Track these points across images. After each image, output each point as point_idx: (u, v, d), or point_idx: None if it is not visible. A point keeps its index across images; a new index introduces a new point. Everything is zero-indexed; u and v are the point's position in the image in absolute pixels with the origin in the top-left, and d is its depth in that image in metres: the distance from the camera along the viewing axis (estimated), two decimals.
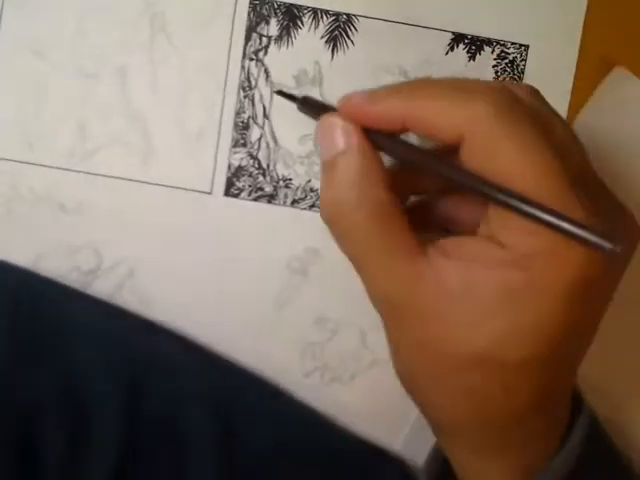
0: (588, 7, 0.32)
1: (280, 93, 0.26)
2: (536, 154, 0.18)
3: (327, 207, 0.21)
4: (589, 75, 0.32)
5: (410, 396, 0.23)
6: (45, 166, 0.31)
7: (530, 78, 0.32)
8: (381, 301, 0.21)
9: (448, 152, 0.20)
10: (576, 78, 0.32)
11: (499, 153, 0.19)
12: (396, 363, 0.22)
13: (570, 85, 0.32)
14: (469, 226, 0.22)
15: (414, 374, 0.22)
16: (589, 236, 0.17)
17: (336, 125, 0.20)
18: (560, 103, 0.32)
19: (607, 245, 0.17)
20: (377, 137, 0.20)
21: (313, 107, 0.23)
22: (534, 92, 0.21)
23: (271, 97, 0.31)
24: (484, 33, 0.32)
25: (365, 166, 0.20)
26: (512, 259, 0.19)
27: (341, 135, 0.20)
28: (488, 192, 0.19)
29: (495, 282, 0.19)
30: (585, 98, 0.32)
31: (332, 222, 0.21)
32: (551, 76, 0.32)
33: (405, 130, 0.20)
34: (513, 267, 0.19)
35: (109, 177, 0.31)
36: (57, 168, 0.31)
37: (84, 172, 0.31)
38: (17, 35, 0.31)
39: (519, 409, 0.21)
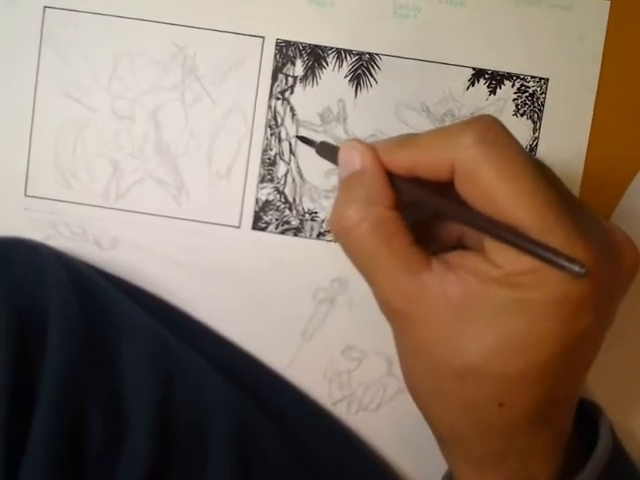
0: (607, 40, 0.32)
1: (300, 138, 0.28)
2: (515, 179, 0.20)
3: (335, 221, 0.22)
4: (609, 108, 0.33)
5: (417, 407, 0.23)
6: (81, 204, 0.32)
7: (550, 110, 0.32)
8: (387, 310, 0.22)
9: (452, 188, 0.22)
10: (596, 110, 0.32)
11: (481, 180, 0.20)
12: (403, 373, 0.23)
13: (590, 117, 0.32)
14: (478, 242, 0.23)
15: (416, 384, 0.23)
16: (556, 259, 0.18)
17: (354, 148, 0.22)
18: (580, 135, 0.32)
19: (574, 268, 0.18)
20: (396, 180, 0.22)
21: (330, 150, 0.25)
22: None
23: (297, 134, 0.32)
24: (504, 68, 0.32)
25: (372, 185, 0.22)
26: (503, 278, 0.20)
27: (358, 156, 0.22)
28: (475, 224, 0.21)
29: (489, 298, 0.20)
30: (605, 130, 0.32)
31: (339, 235, 0.22)
32: (571, 108, 0.32)
33: (413, 174, 0.22)
34: (504, 285, 0.20)
35: (142, 214, 0.32)
36: (93, 206, 0.32)
37: (118, 209, 0.32)
38: (54, 79, 0.32)
39: (515, 422, 0.21)
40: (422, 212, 0.24)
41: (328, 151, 0.25)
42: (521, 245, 0.19)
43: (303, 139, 0.29)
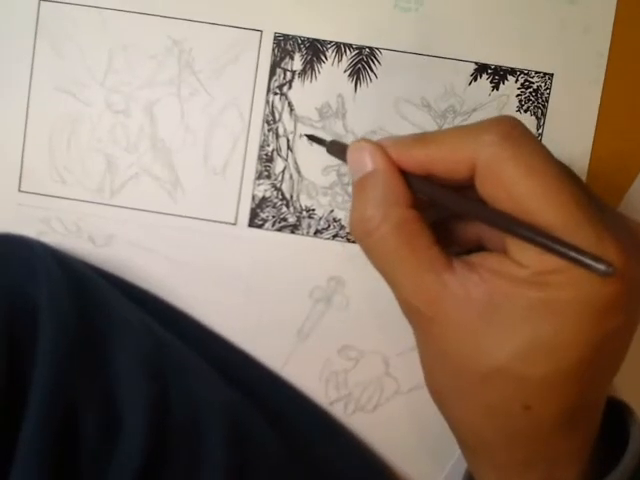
0: (614, 34, 0.31)
1: (310, 137, 0.27)
2: (541, 176, 0.19)
3: (355, 224, 0.22)
4: (615, 103, 0.32)
5: (439, 411, 0.23)
6: (76, 200, 0.32)
7: (555, 106, 0.32)
8: (410, 312, 0.22)
9: (468, 189, 0.21)
10: (602, 106, 0.32)
11: (506, 177, 0.20)
12: (425, 376, 0.23)
13: (596, 113, 0.32)
14: (498, 243, 0.23)
15: (440, 387, 0.22)
16: (582, 258, 0.18)
17: (365, 149, 0.22)
18: (585, 132, 0.32)
19: (601, 267, 0.18)
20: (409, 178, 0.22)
21: (341, 149, 0.24)
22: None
23: (295, 130, 0.32)
24: (507, 63, 0.32)
25: (389, 186, 0.21)
26: (530, 277, 0.19)
27: (369, 157, 0.22)
28: (496, 223, 0.20)
29: (515, 299, 0.20)
30: (611, 126, 0.32)
31: (360, 238, 0.22)
32: (576, 104, 0.32)
33: (428, 173, 0.21)
34: (531, 285, 0.19)
35: (137, 210, 0.32)
36: (87, 202, 0.32)
37: (113, 205, 0.32)
38: (49, 73, 0.32)
39: (541, 427, 0.21)
40: (436, 214, 0.24)
41: (339, 150, 0.25)
42: (547, 245, 0.19)
43: (312, 138, 0.28)
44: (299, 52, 0.31)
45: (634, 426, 0.23)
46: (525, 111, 0.32)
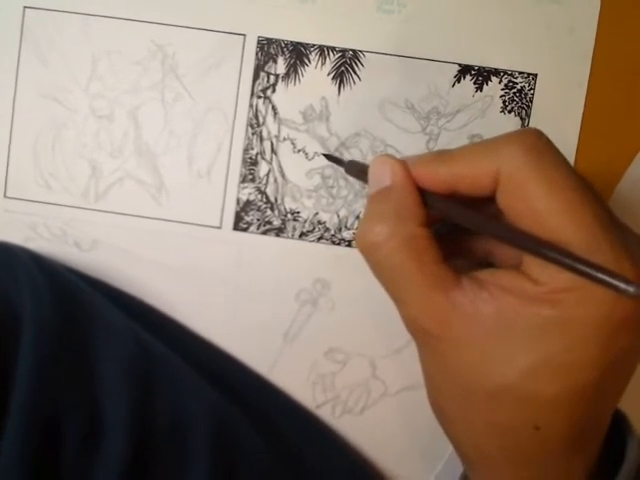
0: (598, 34, 0.31)
1: (328, 157, 0.27)
2: (563, 192, 0.19)
3: (362, 236, 0.22)
4: (600, 103, 0.32)
5: (441, 426, 0.23)
6: (61, 205, 0.32)
7: (539, 107, 0.32)
8: (416, 330, 0.21)
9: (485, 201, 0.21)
10: (586, 106, 0.32)
11: (529, 192, 0.19)
12: (429, 392, 0.23)
13: (580, 113, 0.32)
14: (508, 259, 0.23)
15: (445, 404, 0.22)
16: (610, 279, 0.18)
17: (386, 163, 0.22)
18: (570, 133, 0.32)
19: (630, 289, 0.18)
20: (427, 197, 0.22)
21: (359, 168, 0.24)
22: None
23: (279, 133, 0.32)
24: (491, 63, 0.31)
25: (403, 202, 0.21)
26: (544, 295, 0.19)
27: (388, 172, 0.22)
28: (515, 242, 0.20)
29: (527, 317, 0.19)
30: (596, 128, 0.32)
31: (365, 251, 0.22)
32: (560, 105, 0.32)
33: (450, 191, 0.21)
34: (545, 303, 0.19)
35: (122, 214, 0.32)
36: (72, 207, 0.32)
37: (98, 210, 0.32)
38: (33, 80, 0.32)
39: (549, 446, 0.20)
40: (445, 227, 0.24)
41: (357, 169, 0.24)
42: (569, 264, 0.18)
43: (330, 157, 0.28)
44: (282, 55, 0.31)
45: (631, 441, 0.23)
46: (509, 112, 0.32)
